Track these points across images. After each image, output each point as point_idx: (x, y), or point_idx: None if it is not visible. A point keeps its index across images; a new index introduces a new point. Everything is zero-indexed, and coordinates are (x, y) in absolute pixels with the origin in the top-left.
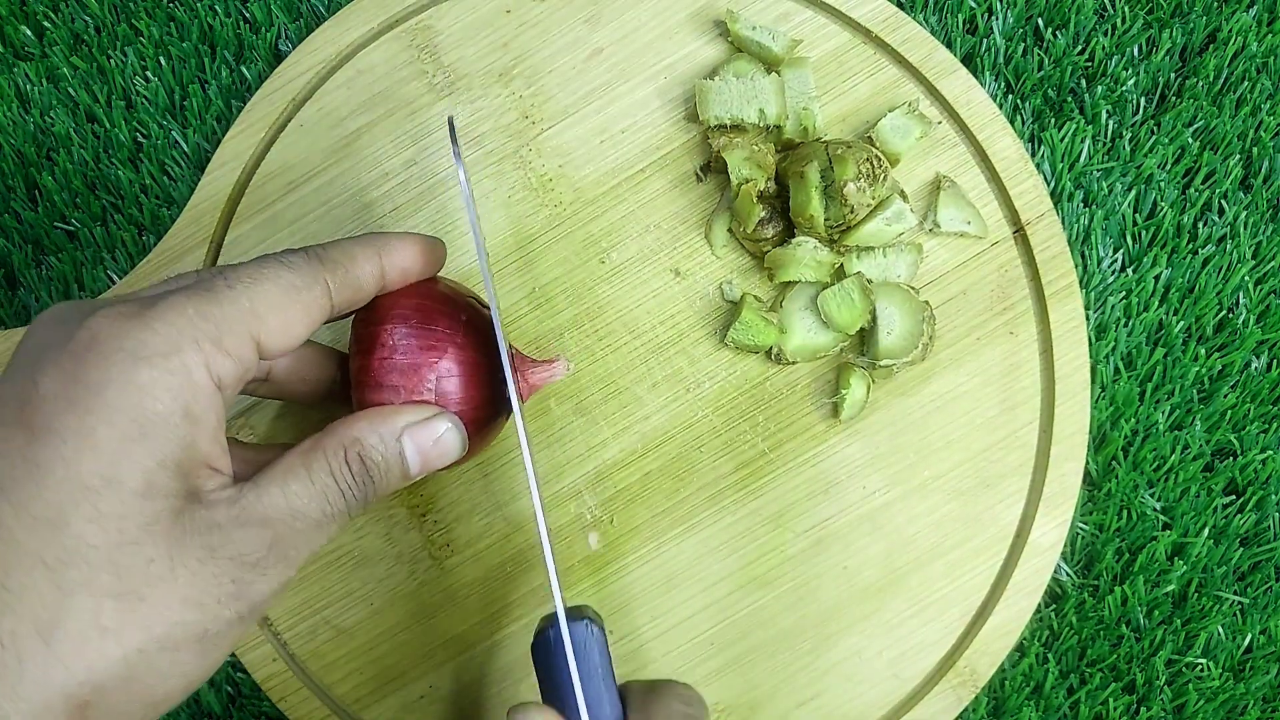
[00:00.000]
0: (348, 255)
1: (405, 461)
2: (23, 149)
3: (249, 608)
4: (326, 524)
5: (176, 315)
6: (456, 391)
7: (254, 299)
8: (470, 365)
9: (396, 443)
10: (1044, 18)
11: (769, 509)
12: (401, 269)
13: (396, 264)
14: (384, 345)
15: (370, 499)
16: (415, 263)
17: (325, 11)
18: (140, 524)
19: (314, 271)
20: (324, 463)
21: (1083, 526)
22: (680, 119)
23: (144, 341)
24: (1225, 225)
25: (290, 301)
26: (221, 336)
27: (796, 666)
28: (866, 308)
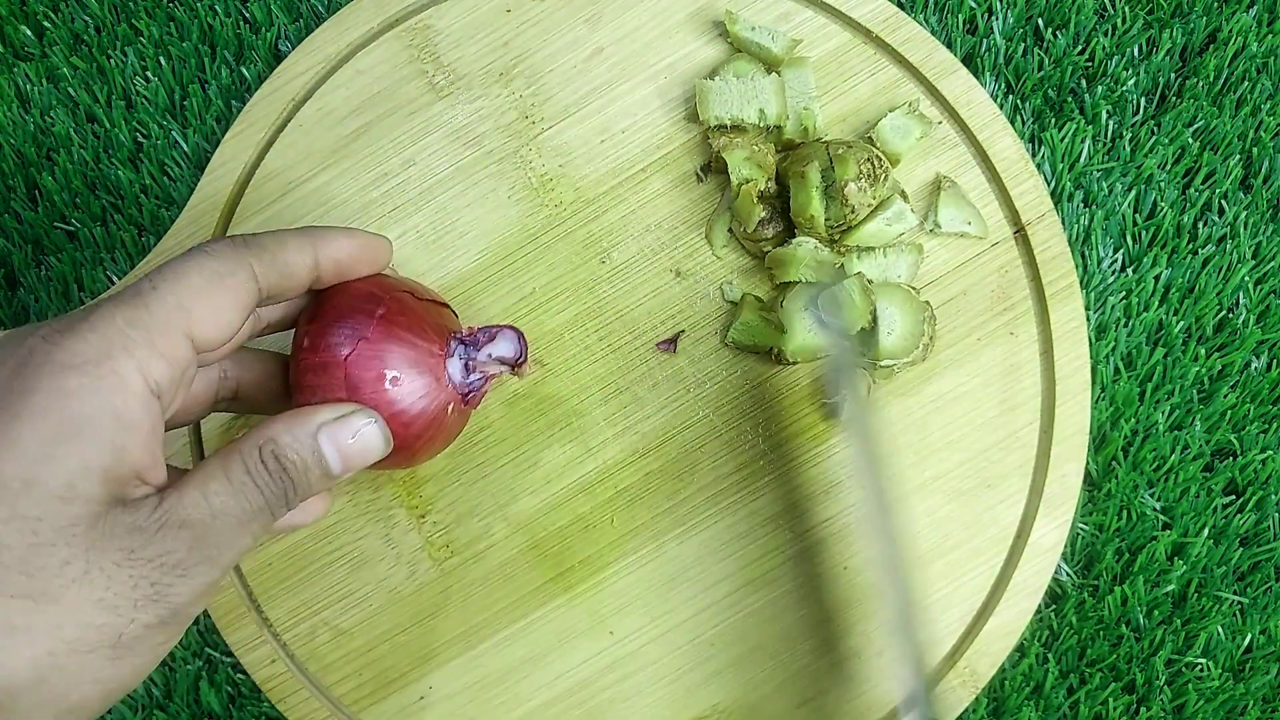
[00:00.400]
0: (277, 241)
1: (325, 460)
2: (23, 149)
3: (169, 611)
4: (248, 523)
5: (106, 324)
6: (370, 384)
7: (179, 294)
8: (385, 359)
9: (312, 440)
10: (1044, 18)
11: (769, 509)
12: (335, 260)
13: (330, 255)
14: (300, 347)
15: (292, 498)
16: (351, 255)
17: (325, 11)
18: (57, 526)
19: (238, 256)
20: (240, 463)
21: (1083, 527)
22: (681, 119)
23: (74, 351)
24: (1225, 225)
25: (216, 289)
26: (153, 339)
27: (797, 667)
28: (867, 308)
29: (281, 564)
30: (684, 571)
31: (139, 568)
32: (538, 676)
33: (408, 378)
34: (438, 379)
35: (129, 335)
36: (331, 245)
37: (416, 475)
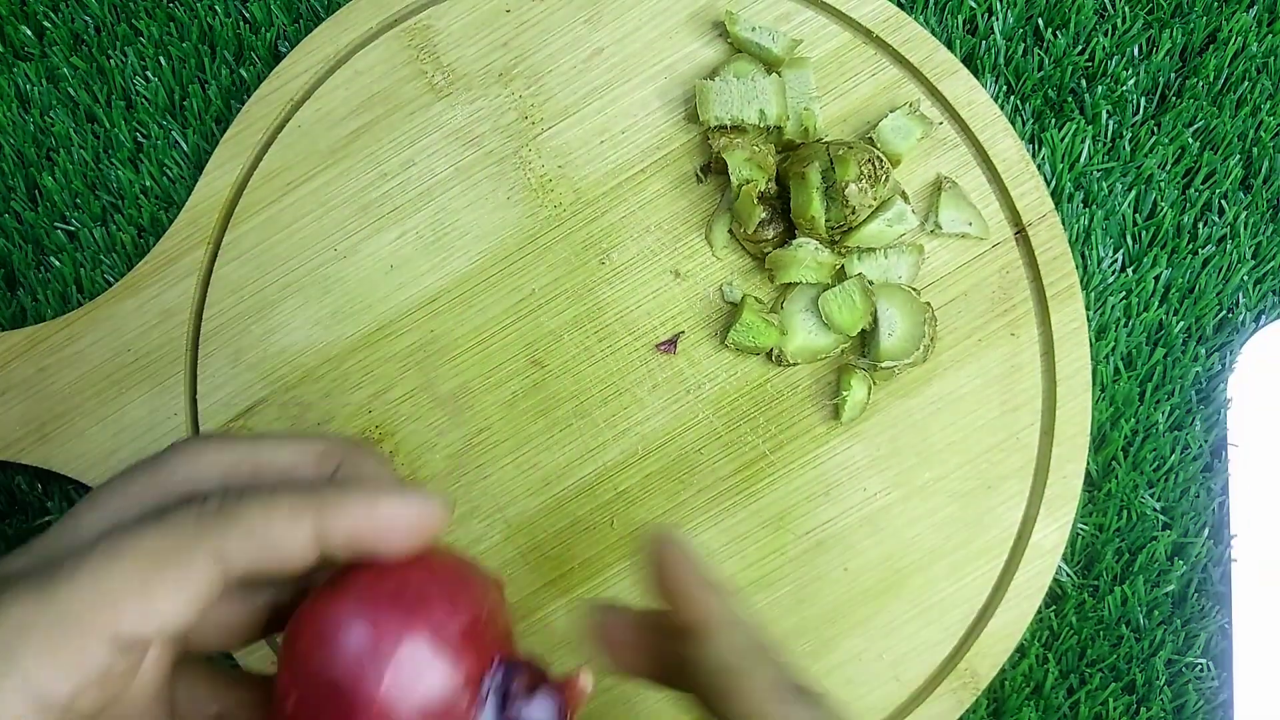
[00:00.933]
0: (263, 511)
1: None
2: (23, 149)
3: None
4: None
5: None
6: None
7: (103, 583)
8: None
9: None
10: (1044, 18)
11: (769, 511)
12: (350, 537)
13: (343, 529)
14: (278, 697)
15: None
16: (375, 531)
17: (324, 12)
18: None
19: (195, 534)
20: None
21: (1083, 527)
22: (680, 120)
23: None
24: (1225, 225)
25: (155, 578)
26: (54, 643)
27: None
28: (868, 309)
29: None
30: None
31: None
32: None
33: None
34: None
35: (15, 646)
36: (345, 516)
37: (417, 477)
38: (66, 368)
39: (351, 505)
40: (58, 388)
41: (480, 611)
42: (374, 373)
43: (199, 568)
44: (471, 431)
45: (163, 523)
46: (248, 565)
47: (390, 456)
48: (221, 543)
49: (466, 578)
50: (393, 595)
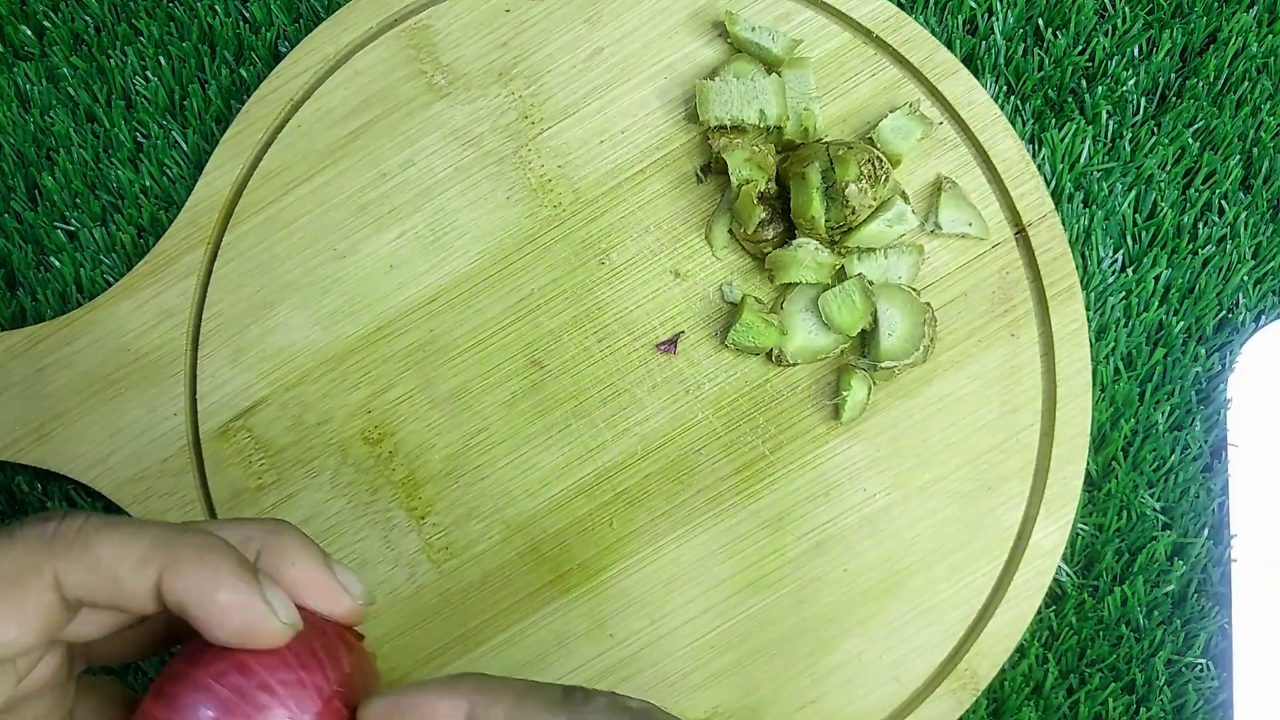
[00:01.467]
0: (114, 547)
1: None
2: (23, 149)
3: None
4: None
5: None
6: None
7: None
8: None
9: None
10: (1044, 18)
11: (769, 511)
12: (184, 605)
13: (179, 593)
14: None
15: None
16: (207, 611)
17: (324, 12)
18: None
19: (37, 558)
20: None
21: (1082, 527)
22: (680, 119)
23: None
24: (1225, 225)
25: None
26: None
27: (797, 670)
28: (868, 309)
29: None
30: (683, 574)
31: None
32: (537, 678)
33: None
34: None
35: None
36: (185, 576)
37: (415, 478)
38: (66, 368)
39: (202, 571)
40: (57, 388)
41: (323, 699)
42: (373, 373)
43: (38, 591)
44: (470, 432)
45: (12, 540)
46: (86, 596)
47: (390, 456)
48: (64, 568)
49: (311, 666)
50: (232, 691)
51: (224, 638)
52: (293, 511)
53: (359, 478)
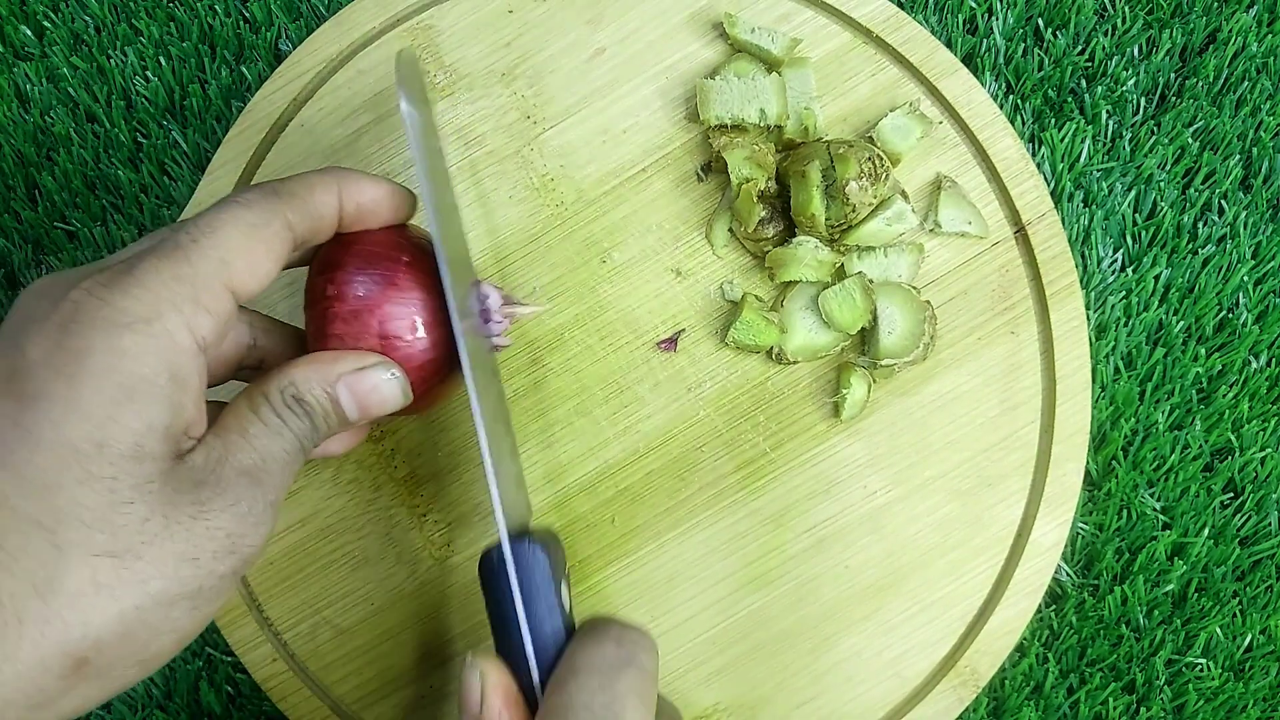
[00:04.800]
0: (306, 186)
1: (342, 408)
2: (23, 149)
3: (241, 561)
4: (290, 463)
5: (153, 279)
6: (402, 335)
7: (219, 248)
8: (415, 308)
9: (332, 388)
10: (1044, 18)
11: (770, 509)
12: (358, 204)
13: (354, 198)
14: (323, 295)
15: (319, 438)
16: (374, 200)
17: (325, 11)
18: (132, 484)
19: (272, 207)
20: (268, 405)
21: (1083, 526)
22: (681, 119)
23: (125, 309)
24: (1225, 225)
25: (254, 242)
26: (198, 294)
27: (797, 666)
28: (868, 307)
29: (282, 563)
30: (684, 571)
31: (213, 518)
32: None
33: (435, 329)
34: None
35: (175, 291)
36: (356, 189)
37: (417, 475)
38: None
39: (362, 182)
40: None
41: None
42: None
43: (278, 232)
44: (471, 430)
45: (245, 203)
46: (303, 233)
47: (391, 454)
48: (290, 212)
49: (412, 237)
50: (390, 245)
51: (391, 209)
52: (295, 509)
53: (361, 475)
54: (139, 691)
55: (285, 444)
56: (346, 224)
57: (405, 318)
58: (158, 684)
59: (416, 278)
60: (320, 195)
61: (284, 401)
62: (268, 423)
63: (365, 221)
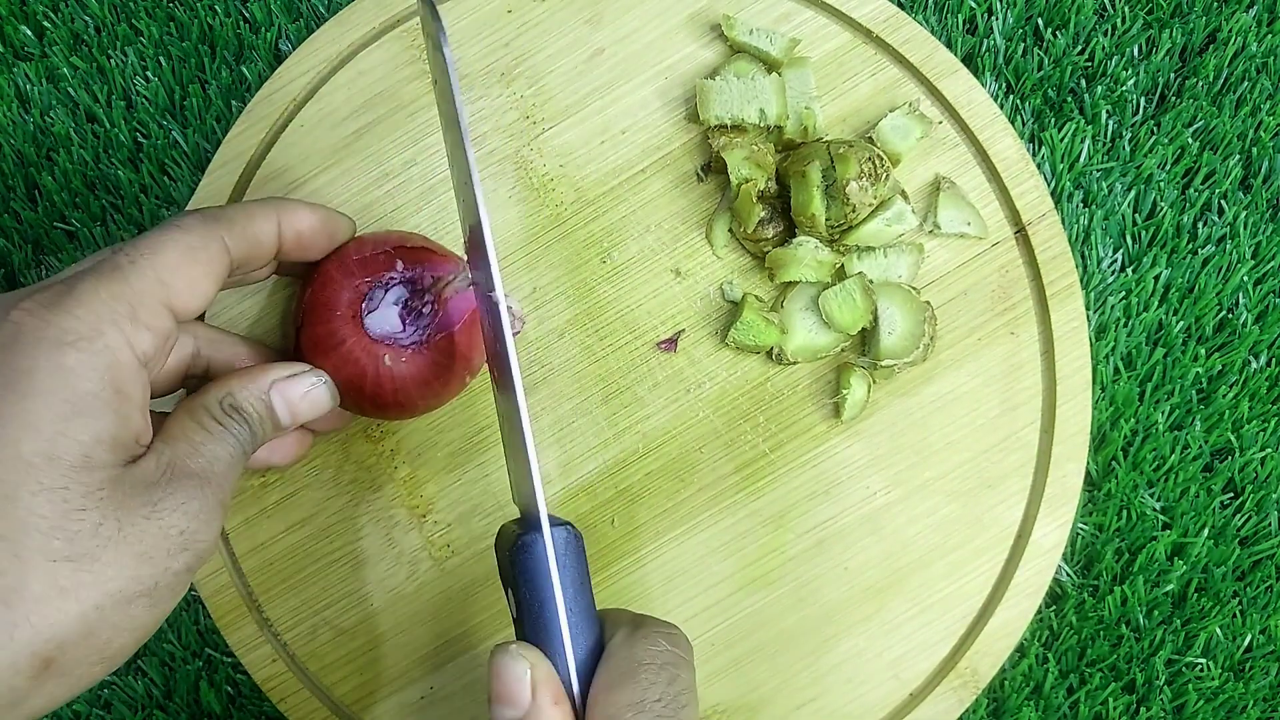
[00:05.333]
0: (245, 214)
1: (274, 412)
2: (23, 149)
3: (195, 557)
4: (234, 464)
5: (91, 298)
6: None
7: (158, 268)
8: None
9: (265, 395)
10: (1044, 18)
11: (770, 509)
12: (297, 231)
13: (293, 226)
14: (315, 313)
15: (259, 442)
16: (312, 229)
17: (325, 12)
18: (83, 493)
19: (210, 230)
20: (207, 413)
21: (1083, 527)
22: (681, 119)
23: (67, 328)
24: (1225, 225)
25: (191, 262)
26: (136, 312)
27: (797, 668)
28: (868, 308)
29: (282, 564)
30: (684, 572)
31: (165, 518)
32: None
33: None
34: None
35: (114, 309)
36: (294, 218)
37: (417, 476)
38: None
39: (299, 211)
40: None
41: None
42: None
43: (216, 255)
44: (472, 430)
45: (183, 226)
46: (240, 256)
47: (392, 454)
48: (227, 234)
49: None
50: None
51: (329, 236)
52: (296, 509)
53: (361, 475)
54: (139, 691)
55: (228, 447)
56: (287, 250)
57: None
58: (158, 684)
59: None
60: (259, 223)
61: (223, 409)
62: (210, 429)
63: (305, 247)
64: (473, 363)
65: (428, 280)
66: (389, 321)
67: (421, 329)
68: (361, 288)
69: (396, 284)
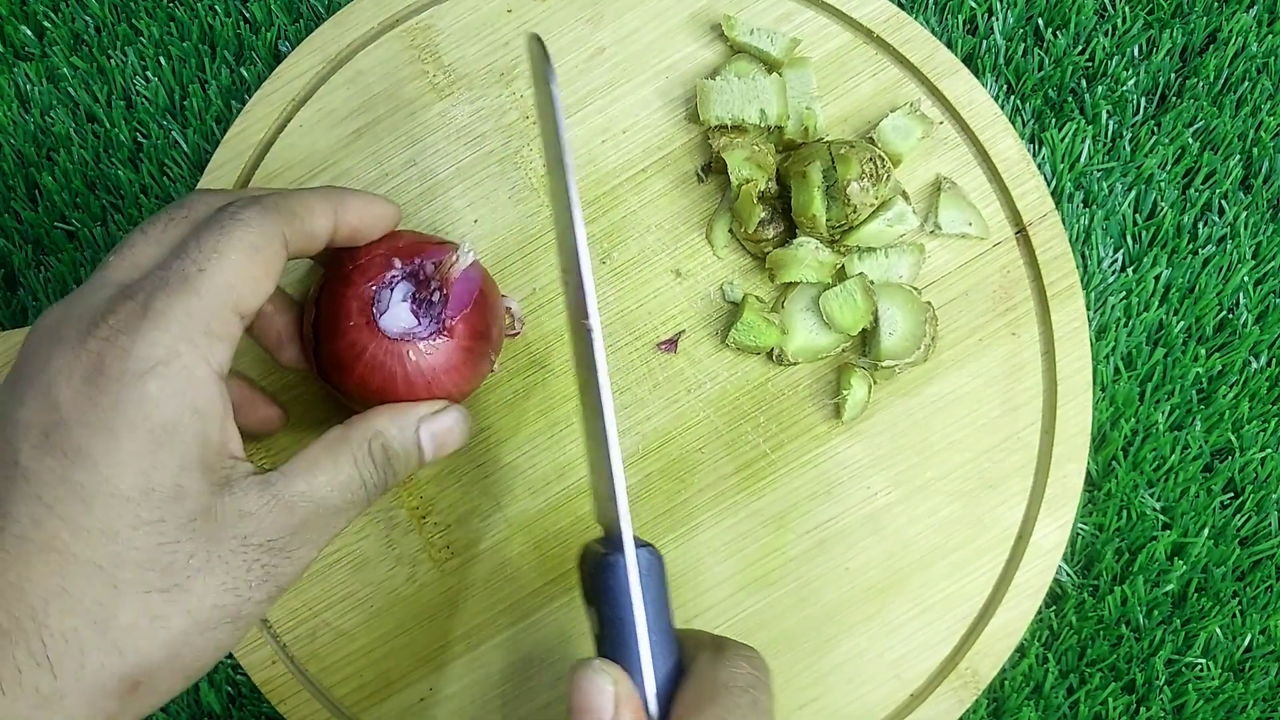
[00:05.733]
0: (304, 206)
1: (421, 449)
2: (23, 149)
3: (277, 589)
4: (347, 510)
5: (167, 319)
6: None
7: (225, 274)
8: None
9: (415, 433)
10: (1044, 18)
11: (770, 510)
12: (352, 226)
13: (349, 220)
14: (346, 313)
15: (389, 485)
16: (366, 220)
17: (325, 11)
18: (178, 524)
19: (273, 227)
20: (349, 455)
21: (1083, 527)
22: (681, 119)
23: (144, 356)
24: (1225, 225)
25: (256, 264)
26: (210, 325)
27: (799, 668)
28: (869, 308)
29: None
30: (684, 572)
31: (251, 553)
32: (539, 677)
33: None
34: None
35: (188, 326)
36: (351, 210)
37: (417, 477)
38: None
39: (356, 201)
40: None
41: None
42: None
43: (277, 251)
44: (472, 430)
45: (246, 221)
46: (296, 249)
47: None
48: (286, 229)
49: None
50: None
51: (381, 227)
52: None
53: None
54: None
55: (349, 494)
56: (337, 242)
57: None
58: None
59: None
60: (318, 217)
61: (369, 453)
62: (339, 473)
63: (355, 240)
64: (493, 338)
65: (429, 269)
66: (403, 319)
67: (435, 317)
68: (366, 294)
69: (400, 280)
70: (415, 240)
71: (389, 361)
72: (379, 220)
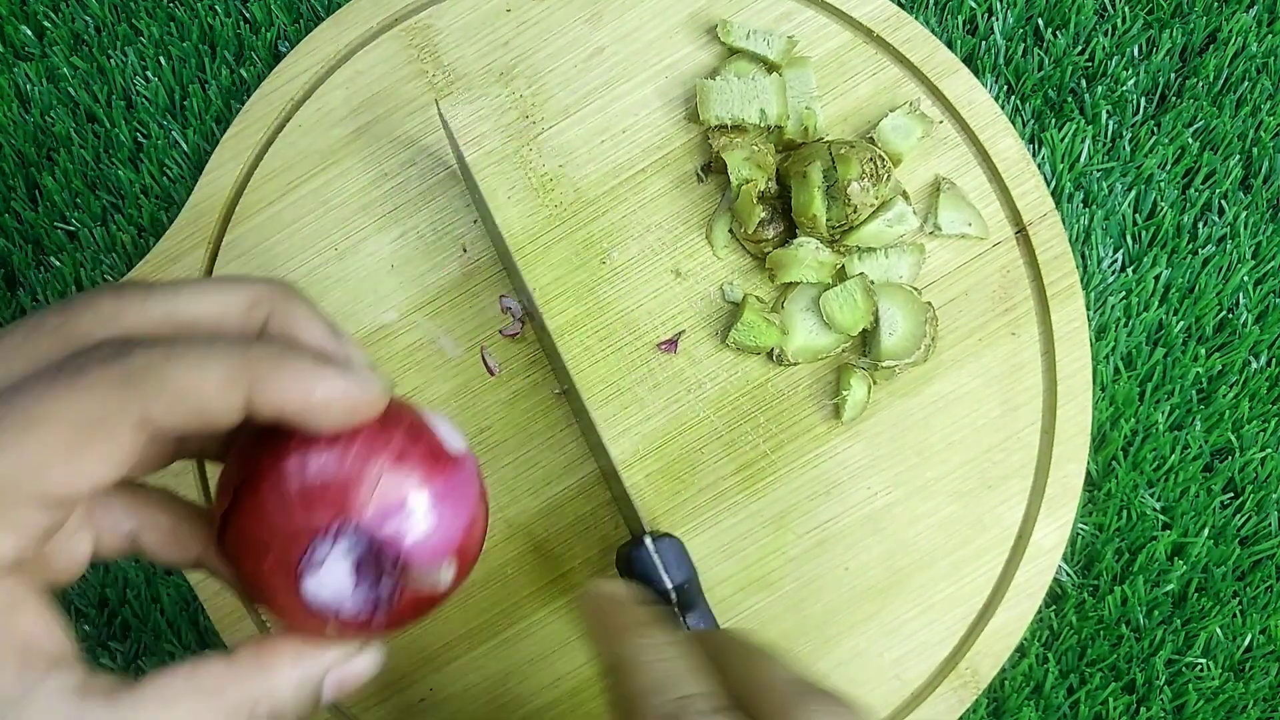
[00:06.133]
0: (193, 372)
1: (320, 699)
2: (23, 149)
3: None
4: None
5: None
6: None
7: (29, 451)
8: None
9: (318, 687)
10: (1044, 18)
11: (770, 510)
12: (278, 410)
13: (272, 401)
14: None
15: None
16: (311, 405)
17: (324, 12)
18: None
19: (121, 399)
20: (222, 717)
21: (1083, 527)
22: (681, 119)
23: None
24: (1225, 225)
25: (81, 441)
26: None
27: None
28: (869, 309)
29: None
30: None
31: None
32: (538, 679)
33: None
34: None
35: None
36: (277, 384)
37: None
38: None
39: (289, 377)
40: None
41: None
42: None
43: (126, 432)
44: (472, 431)
45: (82, 383)
46: (175, 426)
47: None
48: (149, 405)
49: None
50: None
51: (330, 428)
52: None
53: None
54: None
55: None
56: (267, 421)
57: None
58: None
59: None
60: (210, 388)
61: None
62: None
63: (300, 425)
64: (468, 566)
65: (399, 548)
66: (336, 584)
67: (381, 599)
68: (301, 537)
69: (350, 533)
70: (410, 452)
71: (301, 626)
72: (337, 408)
